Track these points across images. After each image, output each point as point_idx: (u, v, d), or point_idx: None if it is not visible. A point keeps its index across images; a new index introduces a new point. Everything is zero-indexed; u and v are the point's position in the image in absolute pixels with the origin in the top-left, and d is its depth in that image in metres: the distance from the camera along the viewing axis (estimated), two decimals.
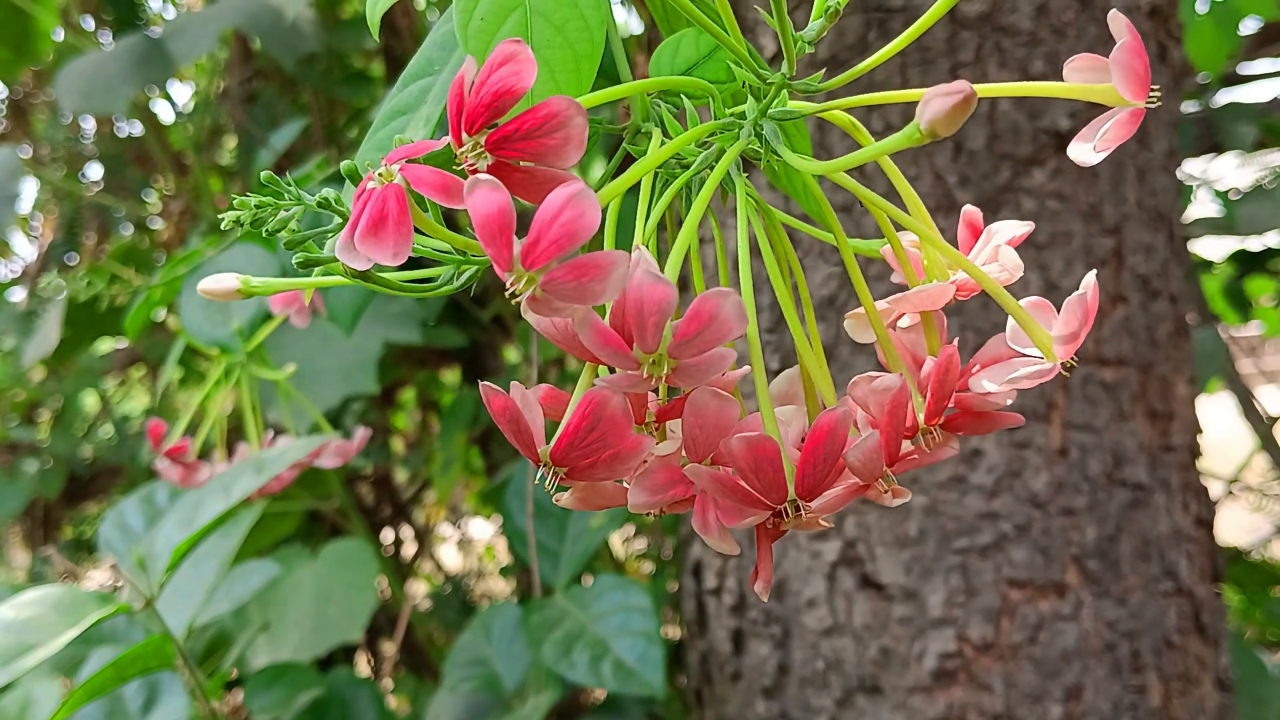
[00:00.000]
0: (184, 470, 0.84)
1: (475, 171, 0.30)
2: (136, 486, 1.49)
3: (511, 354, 1.54)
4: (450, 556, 2.09)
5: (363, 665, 1.65)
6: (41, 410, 1.78)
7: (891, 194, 0.40)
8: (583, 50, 0.38)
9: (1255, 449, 1.59)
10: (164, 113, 1.78)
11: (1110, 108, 0.35)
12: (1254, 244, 1.62)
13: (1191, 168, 1.70)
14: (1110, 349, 0.85)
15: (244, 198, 0.36)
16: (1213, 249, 1.70)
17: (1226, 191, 1.55)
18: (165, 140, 1.73)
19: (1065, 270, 0.84)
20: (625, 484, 0.34)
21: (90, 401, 1.82)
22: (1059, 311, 0.35)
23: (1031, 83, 0.38)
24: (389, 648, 1.63)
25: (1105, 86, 0.34)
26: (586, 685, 0.95)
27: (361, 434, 0.86)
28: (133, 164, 1.77)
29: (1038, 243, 0.84)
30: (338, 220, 0.35)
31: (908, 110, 0.84)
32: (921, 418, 0.35)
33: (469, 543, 2.00)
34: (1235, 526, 1.98)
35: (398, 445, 1.78)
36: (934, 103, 0.27)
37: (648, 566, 1.62)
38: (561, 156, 0.30)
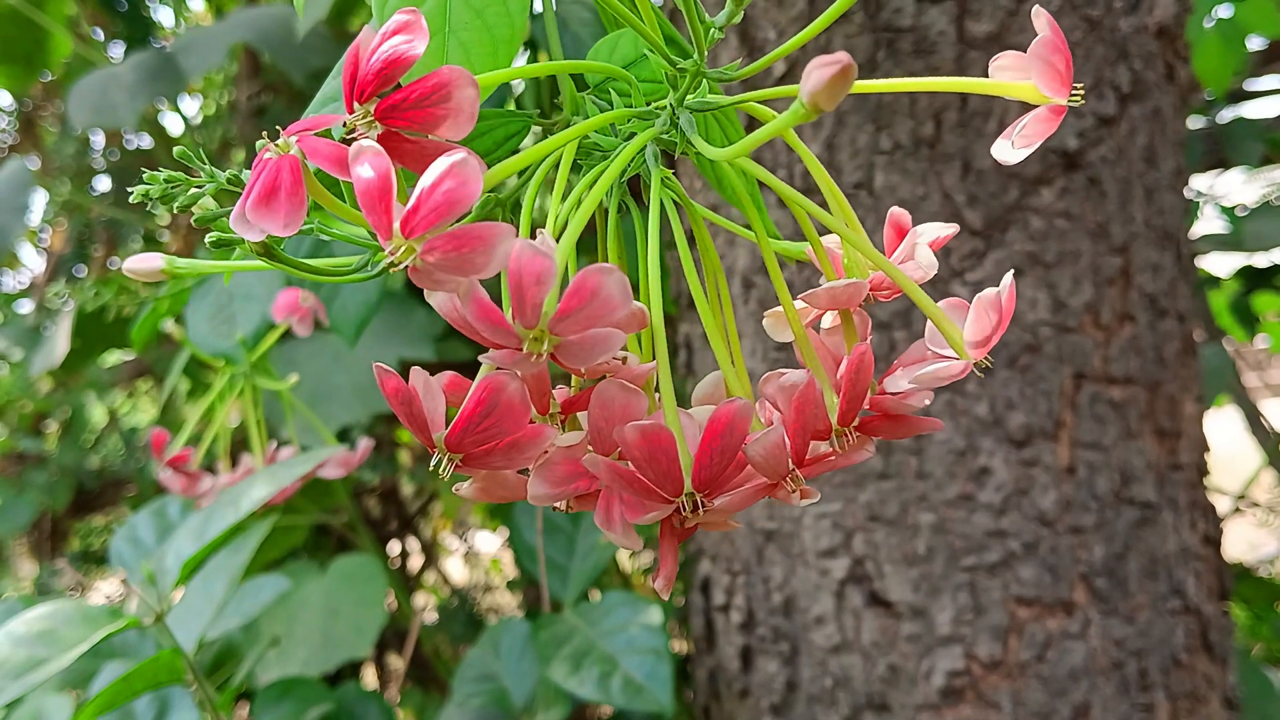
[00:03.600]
0: (186, 480, 0.84)
1: (367, 139, 0.29)
2: (144, 498, 1.50)
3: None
4: (456, 569, 2.10)
5: (370, 678, 1.65)
6: (49, 421, 1.78)
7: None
8: (501, 35, 0.38)
9: (1262, 464, 1.59)
10: (173, 125, 1.79)
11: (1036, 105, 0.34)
12: (1261, 260, 1.62)
13: (1198, 183, 1.71)
14: (1118, 367, 0.85)
15: (154, 172, 0.35)
16: (1219, 265, 1.70)
17: (1233, 207, 1.55)
18: (174, 153, 1.74)
19: (1073, 289, 0.84)
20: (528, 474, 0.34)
21: (98, 413, 1.82)
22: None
23: (953, 78, 0.38)
24: (396, 661, 1.63)
25: (1028, 85, 0.34)
26: (595, 702, 0.95)
27: (364, 445, 0.86)
28: (141, 176, 1.77)
29: (1045, 261, 0.84)
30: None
31: (916, 130, 0.84)
32: (834, 418, 0.34)
33: (475, 556, 2.00)
34: (1242, 542, 1.98)
35: (404, 458, 1.78)
36: (814, 74, 0.26)
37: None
38: (451, 127, 0.29)
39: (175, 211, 0.36)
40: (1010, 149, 0.35)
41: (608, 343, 0.28)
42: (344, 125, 0.30)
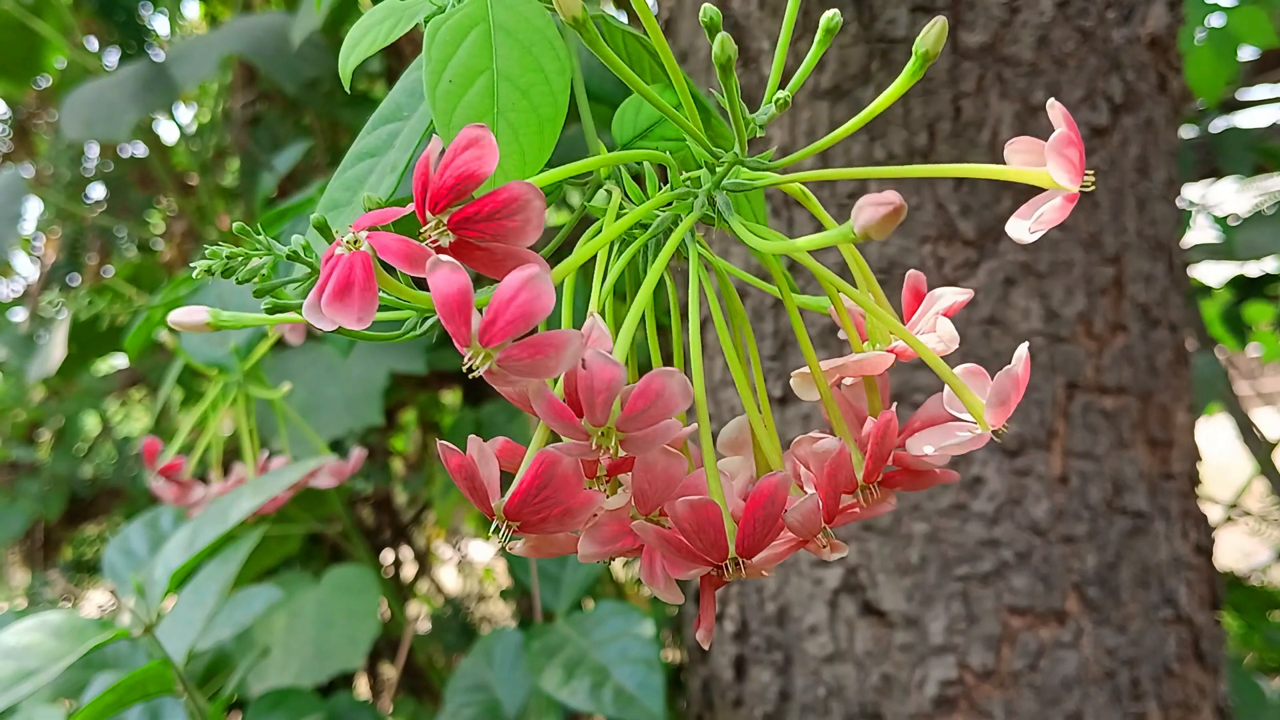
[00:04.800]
0: (178, 488, 0.84)
1: (439, 247, 0.31)
2: (137, 508, 1.50)
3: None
4: (450, 579, 2.09)
5: (363, 688, 1.65)
6: (42, 430, 1.78)
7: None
8: (546, 114, 0.39)
9: (1254, 473, 1.59)
10: (167, 134, 1.79)
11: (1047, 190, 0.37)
12: (1252, 269, 1.62)
13: (1190, 193, 1.71)
14: (1111, 377, 0.86)
15: (216, 248, 0.37)
16: (1211, 274, 1.71)
17: (1225, 217, 1.56)
18: (168, 161, 1.74)
19: (1066, 299, 0.84)
20: (577, 533, 0.36)
21: (91, 422, 1.82)
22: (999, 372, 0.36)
23: (975, 165, 0.40)
24: (389, 670, 1.63)
25: (1043, 173, 0.36)
26: (587, 712, 0.95)
27: (357, 454, 0.86)
28: (136, 185, 1.77)
29: (1038, 271, 0.84)
30: (303, 270, 0.36)
31: (910, 140, 0.85)
32: (860, 476, 0.37)
33: (469, 565, 2.00)
34: (1234, 551, 1.98)
35: (398, 467, 1.78)
36: (866, 211, 0.29)
37: (649, 591, 1.62)
38: (521, 236, 0.31)
39: (238, 284, 0.37)
40: (1026, 231, 0.37)
41: (668, 433, 0.31)
42: (418, 236, 0.32)
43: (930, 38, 0.35)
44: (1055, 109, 0.36)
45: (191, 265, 0.38)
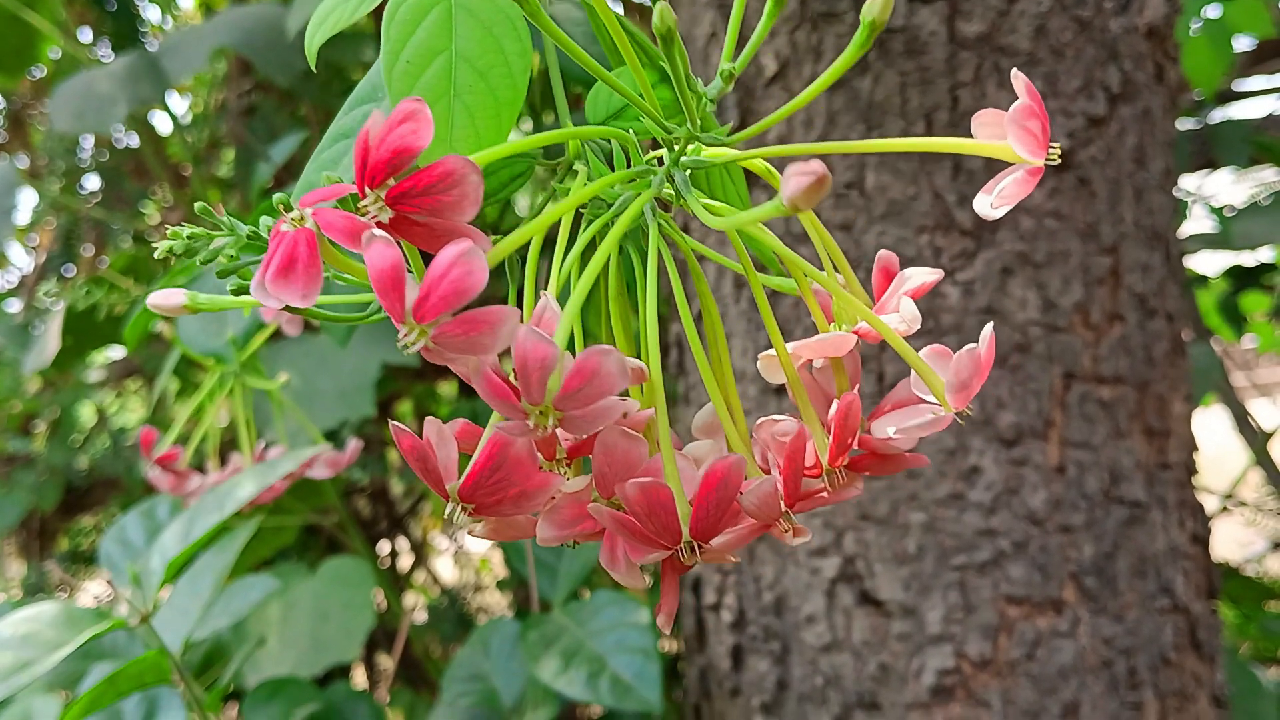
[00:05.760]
0: (174, 478, 0.84)
1: (379, 223, 0.31)
2: (133, 498, 1.50)
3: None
4: (446, 569, 2.09)
5: (359, 678, 1.65)
6: (38, 422, 1.78)
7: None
8: (504, 98, 0.39)
9: (1249, 464, 1.60)
10: (162, 125, 1.79)
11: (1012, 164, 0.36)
12: (1248, 259, 1.63)
13: (1187, 183, 1.71)
14: (1108, 367, 0.86)
15: (177, 228, 0.37)
16: (1207, 265, 1.71)
17: (1222, 207, 1.56)
18: (163, 153, 1.73)
19: (1063, 289, 0.84)
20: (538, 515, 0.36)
21: (87, 413, 1.82)
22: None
23: (937, 139, 0.39)
24: (386, 661, 1.63)
25: (1005, 146, 0.35)
26: (584, 701, 0.95)
27: (353, 445, 0.86)
28: (130, 176, 1.77)
29: (1035, 261, 0.84)
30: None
31: (908, 131, 0.84)
32: (825, 459, 0.36)
33: (465, 555, 2.00)
34: (1230, 541, 1.98)
35: (394, 458, 1.77)
36: (791, 181, 0.28)
37: (645, 580, 1.62)
38: (458, 211, 0.31)
39: (200, 264, 0.37)
40: (990, 208, 0.36)
41: (608, 414, 0.30)
42: (357, 210, 0.31)
43: (877, 6, 0.34)
44: (1018, 79, 0.35)
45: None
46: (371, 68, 0.46)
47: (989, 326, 0.36)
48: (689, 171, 0.37)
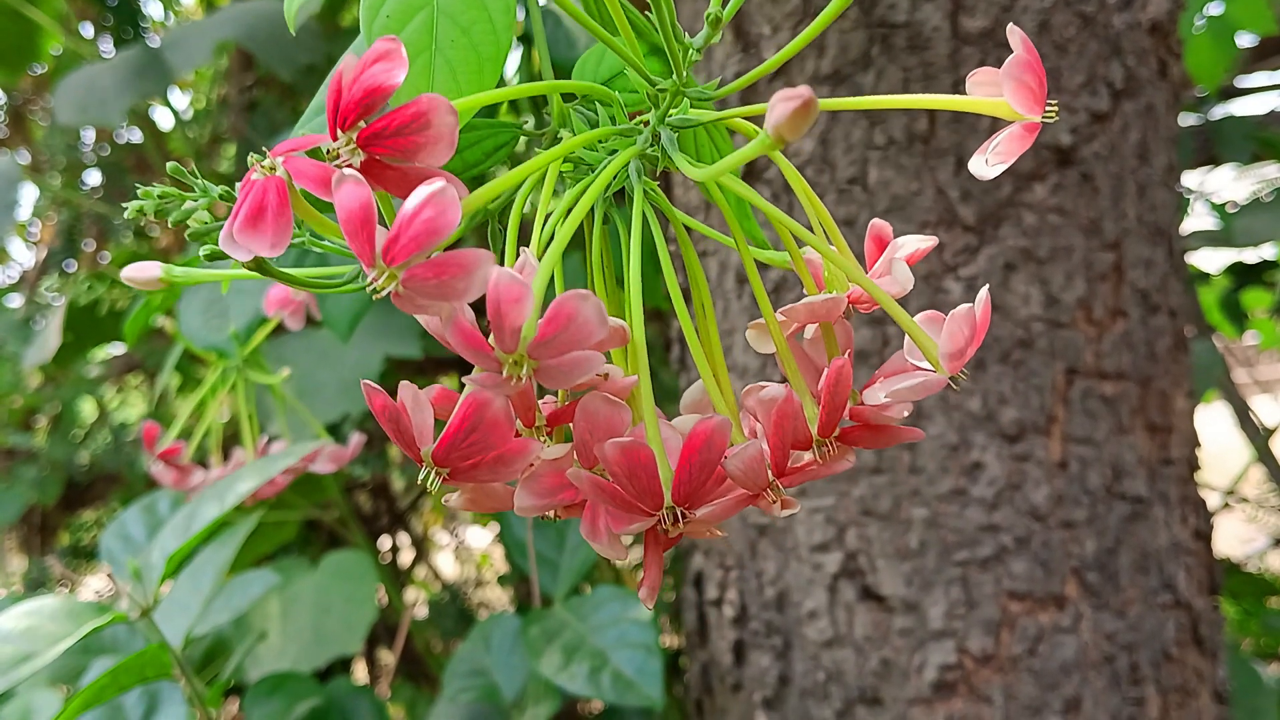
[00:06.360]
0: (177, 473, 0.84)
1: (351, 167, 0.30)
2: (135, 493, 1.50)
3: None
4: (447, 564, 2.09)
5: (360, 673, 1.65)
6: (39, 417, 1.78)
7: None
8: (486, 53, 0.38)
9: (1251, 460, 1.59)
10: (164, 120, 1.78)
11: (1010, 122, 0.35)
12: (1250, 256, 1.63)
13: (1189, 180, 1.71)
14: (1110, 363, 0.86)
15: (149, 188, 0.36)
16: (1209, 261, 1.71)
17: (1224, 204, 1.56)
18: (165, 147, 1.73)
19: (1066, 284, 0.84)
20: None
21: (88, 408, 1.82)
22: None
23: (932, 96, 0.38)
24: (387, 656, 1.63)
25: (1001, 102, 0.34)
26: (585, 696, 0.95)
27: (355, 440, 0.85)
28: (132, 171, 1.77)
29: (1038, 257, 0.84)
30: None
31: (910, 125, 0.84)
32: (815, 430, 0.35)
33: (466, 551, 2.00)
34: (1232, 537, 1.98)
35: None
36: (777, 108, 0.27)
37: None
38: (431, 154, 0.30)
39: (170, 225, 0.36)
40: (985, 166, 0.35)
41: (586, 365, 0.29)
42: (327, 152, 0.30)
43: None
44: (1014, 34, 0.34)
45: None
46: (358, 38, 0.46)
47: (985, 289, 0.35)
48: (676, 132, 0.36)
